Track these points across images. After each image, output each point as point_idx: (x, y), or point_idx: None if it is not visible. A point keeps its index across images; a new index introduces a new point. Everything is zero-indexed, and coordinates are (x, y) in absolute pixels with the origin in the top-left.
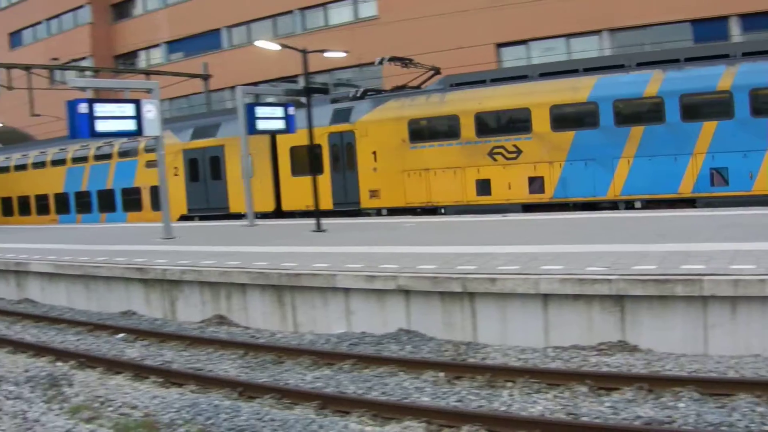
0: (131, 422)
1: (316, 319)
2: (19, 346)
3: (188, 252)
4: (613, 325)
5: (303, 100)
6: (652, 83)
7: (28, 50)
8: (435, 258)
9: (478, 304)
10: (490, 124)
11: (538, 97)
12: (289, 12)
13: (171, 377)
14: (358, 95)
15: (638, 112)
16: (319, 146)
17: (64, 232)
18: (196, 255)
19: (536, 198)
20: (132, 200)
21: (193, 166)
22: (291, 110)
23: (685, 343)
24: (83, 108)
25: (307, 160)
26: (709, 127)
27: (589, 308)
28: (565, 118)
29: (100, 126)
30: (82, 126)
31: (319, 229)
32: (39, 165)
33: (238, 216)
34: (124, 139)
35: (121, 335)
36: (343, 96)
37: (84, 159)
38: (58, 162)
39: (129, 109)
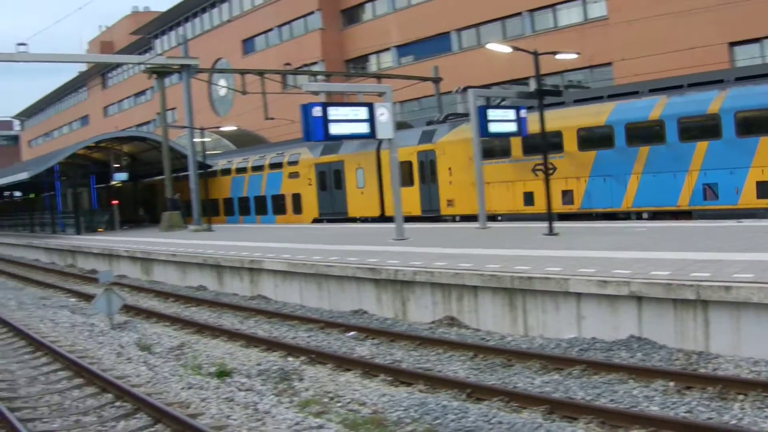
0: (359, 419)
1: (547, 323)
2: (251, 341)
3: (420, 253)
4: None
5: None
6: (656, 108)
7: (261, 56)
8: (667, 264)
9: (712, 312)
10: (534, 144)
11: (569, 122)
12: (518, 14)
13: (400, 376)
14: (441, 119)
15: (645, 134)
16: (409, 163)
17: (292, 232)
18: (428, 256)
19: (567, 208)
20: (279, 205)
21: (322, 177)
22: (523, 113)
23: None
24: (317, 111)
25: (407, 174)
26: (701, 146)
27: None
28: (588, 140)
29: (334, 129)
30: (316, 129)
31: (551, 232)
32: (225, 172)
33: (353, 220)
34: (274, 154)
35: (352, 333)
36: (434, 120)
37: (244, 170)
38: (225, 171)
39: (362, 112)
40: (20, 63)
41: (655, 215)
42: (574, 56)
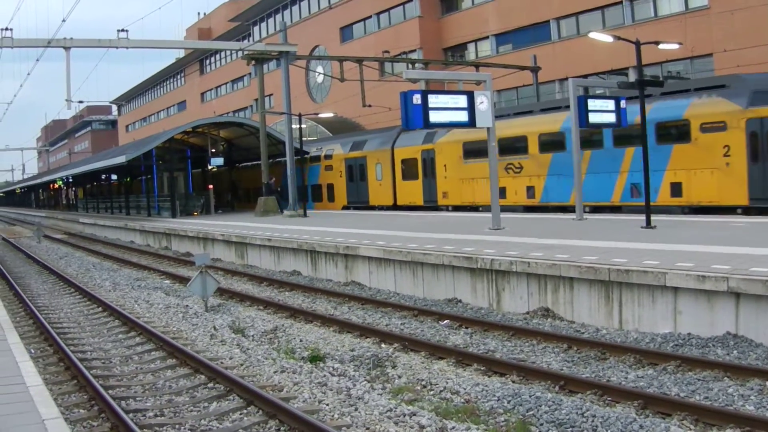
0: (452, 407)
1: (642, 317)
2: (345, 326)
3: (516, 243)
4: None
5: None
6: None
7: (358, 44)
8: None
9: None
10: (506, 147)
11: (532, 128)
12: (619, 2)
13: (493, 366)
14: None
15: (589, 140)
16: (415, 159)
17: (385, 219)
18: (524, 246)
19: (531, 202)
20: (317, 194)
21: (350, 170)
22: (623, 103)
23: None
24: (417, 99)
25: (413, 169)
26: (629, 152)
27: None
28: (547, 144)
29: (433, 117)
30: (415, 117)
31: (648, 225)
32: (277, 164)
33: (373, 208)
34: (314, 149)
35: (446, 322)
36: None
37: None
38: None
39: (462, 100)
40: (121, 49)
41: (595, 209)
42: (677, 46)
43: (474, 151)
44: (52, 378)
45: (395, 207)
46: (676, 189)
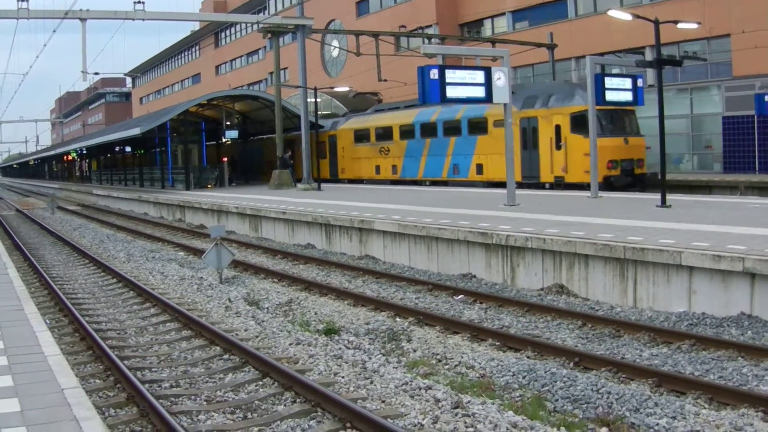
0: (467, 381)
1: (657, 295)
2: (360, 300)
3: (531, 220)
4: None
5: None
6: (434, 115)
7: (374, 18)
8: None
9: None
10: (380, 135)
11: (396, 121)
12: None
13: (508, 341)
14: (344, 114)
15: (429, 131)
16: (324, 142)
17: (399, 194)
18: (540, 223)
19: (394, 177)
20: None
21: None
22: (640, 82)
23: None
24: (435, 74)
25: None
26: (452, 140)
27: None
28: (404, 133)
29: (450, 92)
30: (432, 91)
31: (663, 204)
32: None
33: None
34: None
35: (460, 297)
36: (339, 114)
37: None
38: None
39: (479, 76)
40: (137, 21)
41: (433, 183)
42: (695, 26)
43: (360, 136)
44: (68, 348)
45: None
46: (480, 169)
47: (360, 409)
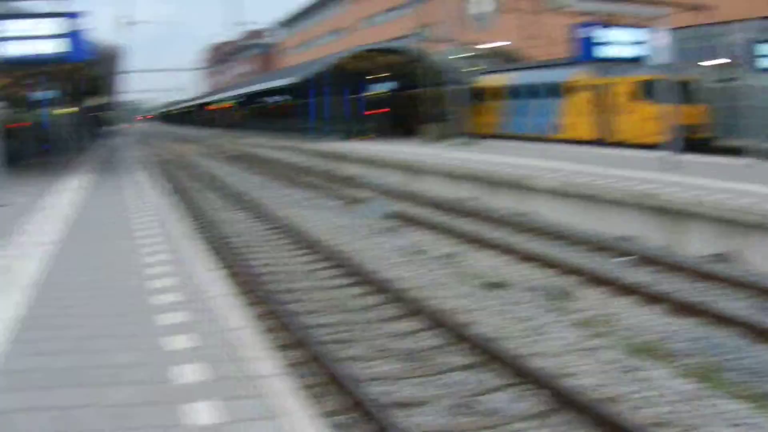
0: (638, 344)
1: None
2: (522, 256)
3: (697, 185)
4: None
5: None
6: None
7: None
8: None
9: None
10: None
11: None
12: None
13: (679, 307)
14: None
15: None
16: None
17: (561, 152)
18: (705, 188)
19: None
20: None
21: None
22: None
23: None
24: (588, 32)
25: None
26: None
27: None
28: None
29: (604, 51)
30: (586, 50)
31: None
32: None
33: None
34: None
35: (625, 258)
36: None
37: None
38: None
39: (637, 35)
40: None
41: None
42: None
43: (502, 94)
44: (232, 289)
45: None
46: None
47: (530, 366)
